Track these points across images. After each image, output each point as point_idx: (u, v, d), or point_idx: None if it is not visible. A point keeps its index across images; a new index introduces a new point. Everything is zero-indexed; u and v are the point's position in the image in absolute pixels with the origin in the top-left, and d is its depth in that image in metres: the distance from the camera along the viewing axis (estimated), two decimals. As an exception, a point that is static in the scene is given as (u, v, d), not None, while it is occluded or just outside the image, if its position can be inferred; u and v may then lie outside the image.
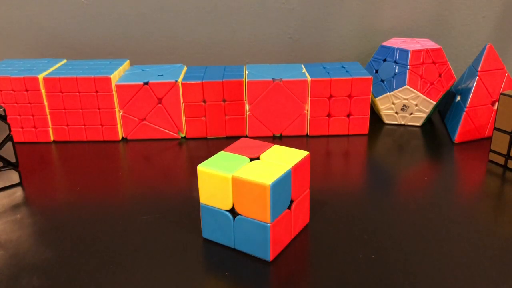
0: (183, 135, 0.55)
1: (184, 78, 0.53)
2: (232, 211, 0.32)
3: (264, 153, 0.34)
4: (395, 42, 0.60)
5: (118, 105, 0.53)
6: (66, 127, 0.54)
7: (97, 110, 0.53)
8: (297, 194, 0.33)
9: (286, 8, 0.65)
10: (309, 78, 0.53)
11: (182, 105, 0.53)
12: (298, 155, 0.34)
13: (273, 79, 0.52)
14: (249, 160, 0.33)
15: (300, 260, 0.32)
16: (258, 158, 0.33)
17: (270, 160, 0.33)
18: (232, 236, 0.32)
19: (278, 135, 0.55)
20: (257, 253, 0.32)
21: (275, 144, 0.36)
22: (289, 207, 0.32)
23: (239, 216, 0.32)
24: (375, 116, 0.59)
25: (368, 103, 0.54)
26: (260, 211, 0.30)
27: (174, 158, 0.50)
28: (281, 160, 0.33)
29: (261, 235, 0.31)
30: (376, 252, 0.33)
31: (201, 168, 0.32)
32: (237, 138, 0.32)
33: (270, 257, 0.31)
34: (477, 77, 0.52)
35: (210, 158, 0.33)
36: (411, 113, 0.57)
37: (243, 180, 0.30)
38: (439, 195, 0.41)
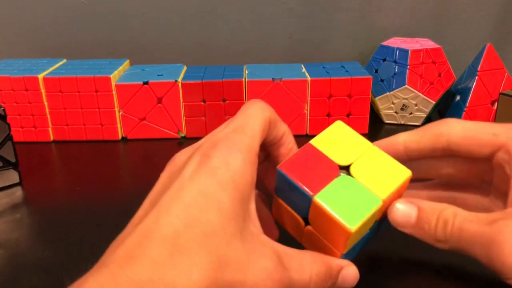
0: (183, 135, 0.55)
1: (184, 78, 0.53)
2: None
3: (358, 161, 0.26)
4: (394, 42, 0.60)
5: (118, 105, 0.53)
6: (66, 127, 0.54)
7: (97, 109, 0.53)
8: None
9: (286, 8, 0.65)
10: (309, 78, 0.53)
11: (182, 104, 0.53)
12: (398, 174, 0.26)
13: (273, 79, 0.52)
14: (338, 168, 0.26)
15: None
16: (348, 167, 0.26)
17: (363, 177, 0.25)
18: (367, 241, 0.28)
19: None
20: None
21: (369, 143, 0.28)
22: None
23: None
24: (374, 116, 0.59)
25: (367, 103, 0.54)
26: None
27: (174, 158, 0.50)
28: (376, 181, 0.25)
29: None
30: (376, 253, 0.33)
31: (356, 227, 0.24)
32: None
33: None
34: (476, 77, 0.52)
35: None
36: (411, 113, 0.57)
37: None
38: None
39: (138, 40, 0.66)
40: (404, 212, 0.25)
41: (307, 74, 0.54)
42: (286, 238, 0.27)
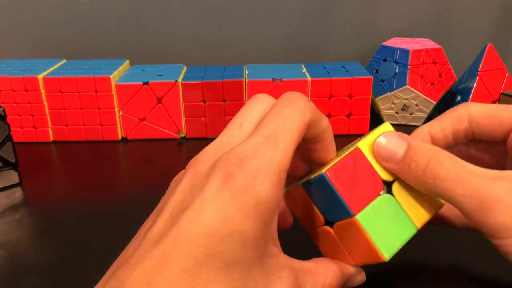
0: (183, 135, 0.55)
1: (184, 78, 0.53)
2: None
3: (400, 179, 0.25)
4: (395, 42, 0.59)
5: (118, 105, 0.53)
6: (65, 127, 0.54)
7: (96, 110, 0.53)
8: None
9: (286, 8, 0.65)
10: (309, 78, 0.52)
11: (182, 105, 0.53)
12: (433, 201, 0.25)
13: (273, 79, 0.52)
14: (382, 184, 0.25)
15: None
16: (392, 183, 0.25)
17: (403, 199, 0.25)
18: None
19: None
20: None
21: None
22: None
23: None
24: (375, 116, 0.59)
25: (368, 103, 0.54)
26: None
27: (174, 158, 0.50)
28: (414, 205, 0.25)
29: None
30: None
31: (391, 254, 0.24)
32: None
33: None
34: (477, 77, 0.52)
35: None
36: (412, 113, 0.57)
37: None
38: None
39: (138, 40, 0.66)
40: (391, 145, 0.24)
41: (307, 74, 0.54)
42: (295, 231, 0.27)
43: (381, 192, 0.24)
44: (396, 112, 0.57)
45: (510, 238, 0.21)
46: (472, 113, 0.27)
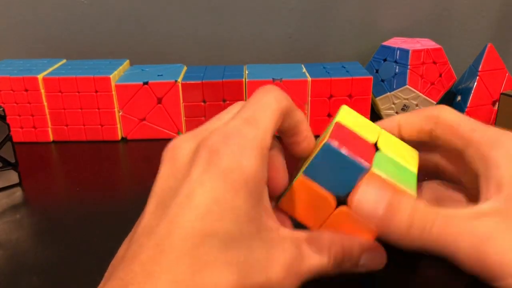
0: (183, 135, 0.55)
1: (184, 78, 0.53)
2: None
3: (380, 140, 0.27)
4: (395, 42, 0.59)
5: (117, 105, 0.53)
6: (65, 127, 0.54)
7: (96, 110, 0.53)
8: None
9: (286, 8, 0.65)
10: (309, 78, 0.52)
11: (182, 105, 0.53)
12: (412, 152, 0.28)
13: (273, 79, 0.52)
14: (373, 144, 0.27)
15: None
16: (375, 145, 0.27)
17: (391, 154, 0.26)
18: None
19: (278, 135, 0.54)
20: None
21: None
22: None
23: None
24: (375, 116, 0.59)
25: (368, 103, 0.54)
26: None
27: (174, 158, 0.50)
28: (402, 157, 0.27)
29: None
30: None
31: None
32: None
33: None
34: (477, 77, 0.52)
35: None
36: (412, 113, 0.57)
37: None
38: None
39: (138, 40, 0.66)
40: (371, 200, 0.21)
41: (307, 74, 0.54)
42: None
43: (376, 150, 0.26)
44: (396, 112, 0.57)
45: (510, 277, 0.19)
46: (439, 118, 0.27)
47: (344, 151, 0.24)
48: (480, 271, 0.20)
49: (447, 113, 0.27)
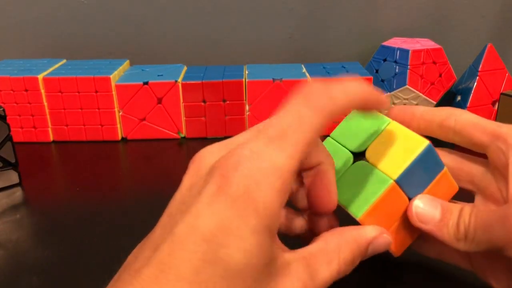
0: (183, 135, 0.55)
1: (184, 78, 0.53)
2: (360, 155, 0.28)
3: (374, 143, 0.27)
4: (395, 42, 0.59)
5: (117, 105, 0.53)
6: (65, 127, 0.54)
7: (96, 110, 0.53)
8: None
9: (286, 8, 0.65)
10: (309, 78, 0.52)
11: (182, 105, 0.53)
12: (415, 146, 0.27)
13: (273, 79, 0.52)
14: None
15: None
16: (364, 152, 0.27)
17: (377, 160, 0.26)
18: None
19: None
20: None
21: None
22: None
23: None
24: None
25: (368, 103, 0.54)
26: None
27: (174, 158, 0.50)
28: (390, 160, 0.26)
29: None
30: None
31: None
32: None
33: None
34: (477, 77, 0.52)
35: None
36: (412, 113, 0.57)
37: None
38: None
39: (138, 40, 0.66)
40: (427, 208, 0.25)
41: (307, 74, 0.54)
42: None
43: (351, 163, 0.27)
44: (396, 112, 0.57)
45: None
46: (461, 116, 0.28)
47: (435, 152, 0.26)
48: None
49: (467, 113, 0.28)
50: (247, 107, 0.53)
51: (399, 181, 0.25)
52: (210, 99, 0.53)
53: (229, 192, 0.19)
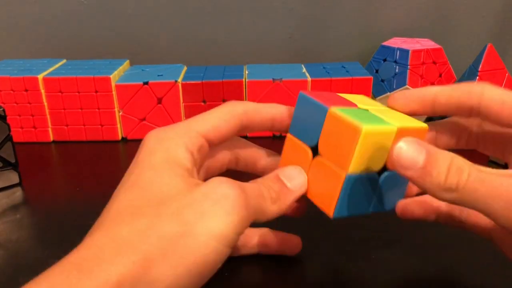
0: (183, 135, 0.55)
1: (184, 78, 0.53)
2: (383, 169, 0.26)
3: (376, 108, 0.27)
4: (395, 42, 0.59)
5: (118, 105, 0.53)
6: (65, 127, 0.54)
7: (96, 110, 0.53)
8: None
9: (286, 8, 0.65)
10: (309, 78, 0.52)
11: (182, 105, 0.53)
12: (415, 122, 0.27)
13: (273, 79, 0.52)
14: (356, 105, 0.27)
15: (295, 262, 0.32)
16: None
17: (381, 115, 0.26)
18: (372, 199, 0.27)
19: (278, 135, 0.55)
20: (391, 205, 0.28)
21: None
22: None
23: (387, 173, 0.26)
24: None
25: (368, 103, 0.54)
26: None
27: (174, 158, 0.50)
28: (393, 119, 0.26)
29: (401, 187, 0.28)
30: (375, 253, 0.33)
31: (369, 129, 0.23)
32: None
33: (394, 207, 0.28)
34: (477, 77, 0.52)
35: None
36: (411, 113, 0.57)
37: (407, 128, 0.25)
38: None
39: (138, 40, 0.66)
40: (411, 152, 0.22)
41: (307, 74, 0.54)
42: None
43: (356, 107, 0.26)
44: (396, 112, 0.57)
45: None
46: (484, 94, 0.26)
47: (312, 97, 0.26)
48: (510, 226, 0.21)
49: (492, 89, 0.26)
50: (247, 107, 0.53)
51: (291, 130, 0.27)
52: (210, 99, 0.53)
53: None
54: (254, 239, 0.31)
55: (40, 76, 0.52)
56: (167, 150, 0.25)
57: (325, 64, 0.59)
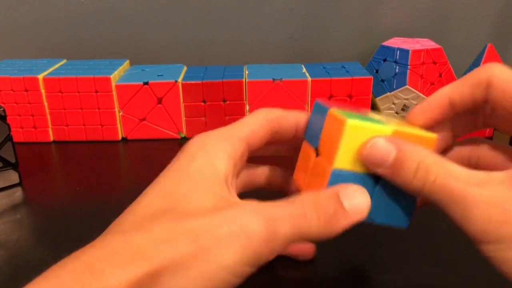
0: (183, 135, 0.55)
1: (184, 78, 0.53)
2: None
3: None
4: (395, 42, 0.59)
5: (118, 105, 0.53)
6: (66, 127, 0.54)
7: (97, 110, 0.53)
8: None
9: (286, 8, 0.65)
10: (309, 78, 0.52)
11: (182, 105, 0.53)
12: (422, 132, 0.25)
13: (273, 79, 0.52)
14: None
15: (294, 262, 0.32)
16: None
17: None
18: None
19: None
20: (394, 221, 0.26)
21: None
22: None
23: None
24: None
25: (368, 103, 0.54)
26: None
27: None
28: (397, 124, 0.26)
29: (409, 199, 0.25)
30: (376, 253, 0.33)
31: (353, 122, 0.23)
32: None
33: (408, 223, 0.26)
34: (477, 77, 0.52)
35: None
36: (411, 113, 0.57)
37: (407, 133, 0.24)
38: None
39: (138, 40, 0.66)
40: (382, 148, 0.23)
41: (307, 74, 0.54)
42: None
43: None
44: (396, 112, 0.57)
45: (491, 243, 0.20)
46: (493, 81, 0.24)
47: (324, 103, 0.26)
48: (466, 231, 0.21)
49: (500, 72, 0.24)
50: (247, 107, 0.54)
51: (337, 170, 0.24)
52: (210, 99, 0.53)
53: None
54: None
55: (40, 76, 0.52)
56: (208, 155, 0.24)
57: (325, 64, 0.59)
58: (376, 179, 0.24)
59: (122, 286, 0.19)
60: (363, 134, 0.23)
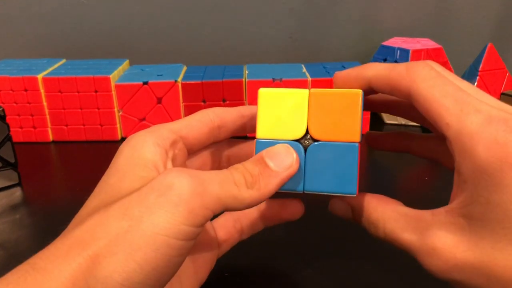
0: (183, 135, 0.55)
1: (183, 78, 0.53)
2: (304, 139, 0.25)
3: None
4: (395, 42, 0.59)
5: (117, 105, 0.53)
6: (65, 127, 0.54)
7: (96, 110, 0.53)
8: None
9: (286, 8, 0.65)
10: (309, 78, 0.52)
11: (181, 105, 0.53)
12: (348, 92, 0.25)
13: (273, 79, 0.52)
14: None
15: (293, 260, 0.32)
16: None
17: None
18: (302, 174, 0.25)
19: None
20: (338, 188, 0.24)
21: None
22: None
23: (314, 144, 0.24)
24: (375, 116, 0.59)
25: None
26: (346, 129, 0.24)
27: (174, 158, 0.50)
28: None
29: (346, 162, 0.24)
30: (377, 253, 0.33)
31: (265, 90, 0.25)
32: (236, 138, 0.31)
33: (356, 190, 0.24)
34: (477, 77, 0.52)
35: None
36: (412, 113, 0.57)
37: (326, 93, 0.24)
38: (440, 195, 0.41)
39: (138, 40, 0.66)
40: (342, 207, 0.26)
41: (307, 74, 0.54)
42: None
43: None
44: (396, 112, 0.57)
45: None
46: (412, 95, 0.25)
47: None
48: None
49: (421, 84, 0.24)
50: (247, 107, 0.53)
51: (260, 139, 0.25)
52: (210, 99, 0.53)
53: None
54: (253, 214, 0.29)
55: (40, 76, 0.52)
56: (133, 147, 0.25)
57: (325, 64, 0.59)
58: (305, 147, 0.24)
59: (66, 276, 0.19)
60: (278, 100, 0.25)
